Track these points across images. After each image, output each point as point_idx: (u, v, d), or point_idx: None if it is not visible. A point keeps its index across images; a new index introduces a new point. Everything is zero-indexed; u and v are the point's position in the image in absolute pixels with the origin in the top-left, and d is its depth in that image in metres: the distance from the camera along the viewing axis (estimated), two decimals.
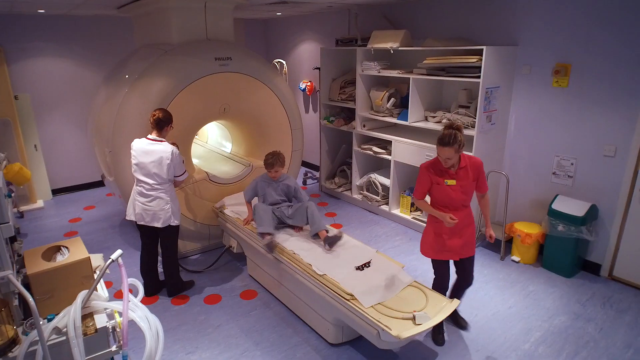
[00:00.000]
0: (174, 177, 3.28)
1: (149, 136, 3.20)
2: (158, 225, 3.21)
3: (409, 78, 4.35)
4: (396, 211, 4.89)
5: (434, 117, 4.36)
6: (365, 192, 5.23)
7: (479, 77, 3.72)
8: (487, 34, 4.13)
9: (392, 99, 4.70)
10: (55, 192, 5.81)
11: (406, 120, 4.47)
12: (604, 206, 3.62)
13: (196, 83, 3.67)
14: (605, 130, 3.52)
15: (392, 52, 4.47)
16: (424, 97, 4.47)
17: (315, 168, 6.63)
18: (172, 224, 3.27)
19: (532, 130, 3.97)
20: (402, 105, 4.80)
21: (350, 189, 5.51)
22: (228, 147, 4.94)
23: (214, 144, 5.24)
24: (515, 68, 3.97)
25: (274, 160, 3.42)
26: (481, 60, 3.66)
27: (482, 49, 3.62)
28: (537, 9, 3.75)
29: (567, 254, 3.67)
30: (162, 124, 3.18)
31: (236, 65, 3.87)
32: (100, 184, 6.08)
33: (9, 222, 1.69)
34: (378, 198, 5.07)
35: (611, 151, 3.50)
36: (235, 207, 3.88)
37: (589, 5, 3.43)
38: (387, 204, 5.01)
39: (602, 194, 3.61)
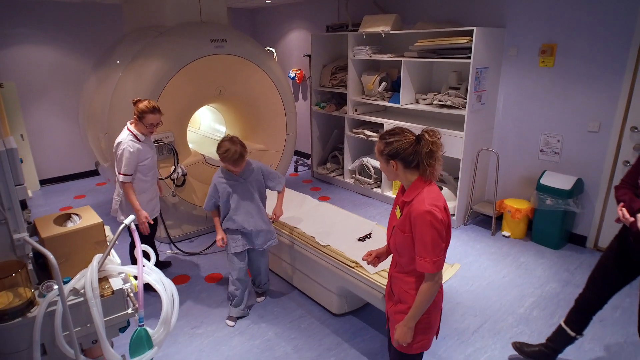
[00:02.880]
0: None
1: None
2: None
3: (400, 62, 4.45)
4: (389, 193, 4.99)
5: (425, 99, 4.47)
6: (357, 176, 5.32)
7: (469, 57, 3.83)
8: (475, 17, 4.25)
9: (384, 83, 4.79)
10: (42, 182, 5.70)
11: (398, 103, 4.57)
12: (589, 180, 3.79)
13: (192, 64, 3.68)
14: (589, 107, 3.68)
15: (383, 35, 4.56)
16: (415, 80, 4.57)
17: (306, 156, 6.68)
18: (118, 219, 2.96)
19: (519, 110, 4.12)
20: (392, 89, 4.90)
21: (343, 174, 5.59)
22: (221, 131, 4.94)
23: (207, 129, 5.23)
24: (503, 50, 4.11)
25: (242, 149, 2.61)
26: (471, 41, 3.78)
27: (473, 30, 3.74)
28: None
29: (555, 227, 3.83)
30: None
31: (231, 47, 3.88)
32: (88, 174, 6.00)
33: (23, 184, 1.69)
34: (370, 181, 5.16)
35: (595, 127, 3.67)
36: None
37: None
38: (379, 186, 5.11)
39: (588, 168, 3.78)
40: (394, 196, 4.87)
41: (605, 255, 2.25)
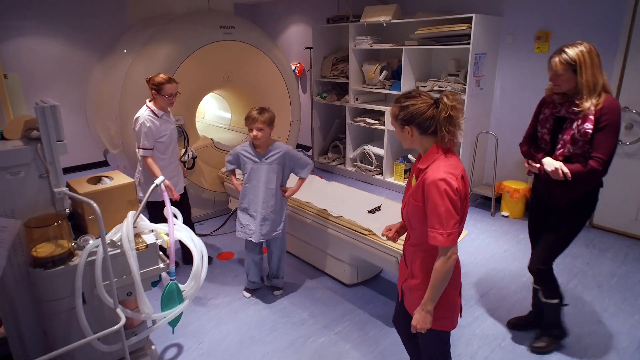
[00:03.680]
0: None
1: None
2: None
3: (399, 52, 4.61)
4: (390, 179, 5.13)
5: (425, 86, 4.63)
6: (359, 164, 5.44)
7: (468, 44, 4.00)
8: (473, 6, 4.43)
9: (385, 72, 4.94)
10: None
11: (399, 90, 4.72)
12: None
13: (202, 50, 3.78)
14: None
15: (384, 25, 4.71)
16: (415, 68, 4.73)
17: (307, 148, 6.79)
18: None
19: (516, 94, 4.29)
20: (392, 77, 5.05)
21: (344, 163, 5.71)
22: (227, 118, 5.04)
23: (212, 118, 5.32)
24: (500, 37, 4.29)
25: (258, 112, 2.57)
26: (470, 27, 3.95)
27: (472, 17, 3.91)
28: None
29: None
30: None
31: (239, 34, 4.00)
32: (95, 165, 6.05)
33: (64, 140, 1.78)
34: (372, 168, 5.30)
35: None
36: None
37: None
38: (380, 173, 5.24)
39: None
40: (396, 182, 5.02)
41: (529, 215, 2.46)
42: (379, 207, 3.13)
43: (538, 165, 2.14)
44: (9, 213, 1.70)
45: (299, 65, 6.53)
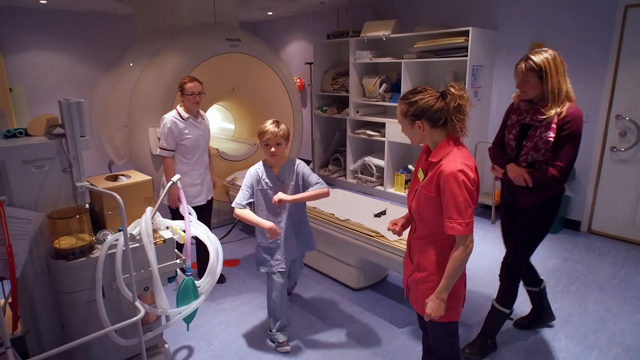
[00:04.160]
0: None
1: None
2: None
3: (398, 65, 4.77)
4: (391, 190, 5.20)
5: None
6: (359, 175, 5.52)
7: (466, 56, 4.16)
8: (469, 21, 4.61)
9: (384, 85, 5.08)
10: None
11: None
12: (580, 166, 4.08)
13: (209, 61, 3.88)
14: (577, 98, 3.97)
15: (384, 39, 4.88)
16: (414, 80, 4.87)
17: (307, 162, 6.88)
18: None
19: None
20: (392, 90, 5.19)
21: (345, 175, 5.79)
22: (230, 129, 5.12)
23: (214, 130, 5.40)
24: (496, 50, 4.45)
25: (275, 125, 2.28)
26: (467, 40, 4.11)
27: (469, 30, 4.07)
28: None
29: None
30: None
31: (245, 46, 4.12)
32: None
33: (87, 137, 1.83)
34: (373, 179, 5.37)
35: (583, 117, 3.97)
36: None
37: None
38: (381, 184, 5.32)
39: (578, 155, 4.06)
40: (397, 193, 5.09)
41: (501, 218, 2.52)
42: (384, 211, 3.19)
43: (502, 170, 2.23)
44: (32, 206, 1.73)
45: (298, 80, 6.67)
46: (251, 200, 2.37)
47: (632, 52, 3.62)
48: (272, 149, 2.29)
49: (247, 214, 2.32)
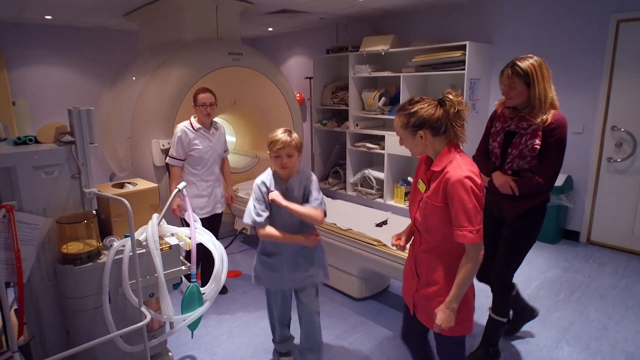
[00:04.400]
0: None
1: None
2: None
3: (397, 79, 4.85)
4: (391, 202, 5.23)
5: None
6: (359, 188, 5.56)
7: (463, 69, 4.25)
8: (465, 35, 4.72)
9: (383, 98, 5.16)
10: None
11: None
12: (578, 177, 4.13)
13: (211, 74, 3.95)
14: (573, 111, 4.08)
15: (383, 54, 4.98)
16: (413, 93, 4.95)
17: None
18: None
19: None
20: (391, 103, 5.27)
21: (344, 188, 5.82)
22: (231, 142, 5.17)
23: None
24: (492, 63, 4.55)
25: (287, 134, 2.08)
26: (465, 54, 4.20)
27: (466, 44, 4.17)
28: (507, 11, 4.39)
29: (550, 223, 4.11)
30: None
31: (247, 60, 4.20)
32: None
33: (96, 144, 1.86)
34: (373, 192, 5.41)
35: (579, 128, 4.06)
36: (248, 192, 4.08)
37: (553, 3, 4.08)
38: (381, 196, 5.35)
39: (575, 166, 4.13)
40: (397, 205, 5.11)
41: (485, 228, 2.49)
42: (386, 221, 3.21)
43: (487, 179, 2.23)
44: (41, 211, 1.75)
45: (298, 95, 6.76)
46: (268, 213, 2.11)
47: (625, 65, 3.72)
48: (283, 161, 2.07)
49: (274, 232, 2.09)
